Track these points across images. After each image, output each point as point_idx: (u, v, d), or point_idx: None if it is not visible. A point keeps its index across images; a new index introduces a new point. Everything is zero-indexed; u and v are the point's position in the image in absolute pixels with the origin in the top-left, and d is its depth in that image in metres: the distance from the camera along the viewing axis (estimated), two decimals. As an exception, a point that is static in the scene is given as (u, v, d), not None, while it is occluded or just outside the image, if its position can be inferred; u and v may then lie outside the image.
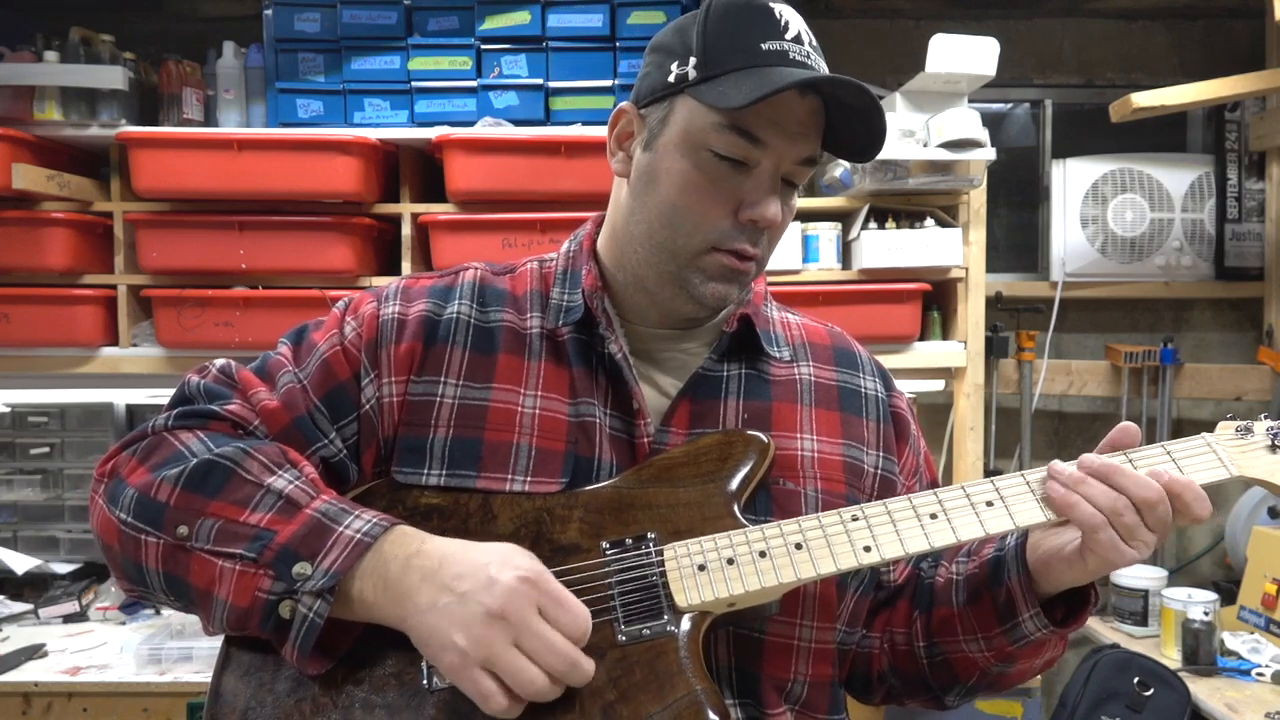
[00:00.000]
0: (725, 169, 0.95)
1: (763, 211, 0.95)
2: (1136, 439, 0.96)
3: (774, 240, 1.01)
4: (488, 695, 0.81)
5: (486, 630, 0.81)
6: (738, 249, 0.97)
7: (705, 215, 0.96)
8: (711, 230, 0.96)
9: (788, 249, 2.50)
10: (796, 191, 1.01)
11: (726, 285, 0.99)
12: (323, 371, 1.01)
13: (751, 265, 0.99)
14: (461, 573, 0.84)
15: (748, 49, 0.93)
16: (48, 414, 2.89)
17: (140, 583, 0.92)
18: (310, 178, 2.35)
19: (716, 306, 1.01)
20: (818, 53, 0.97)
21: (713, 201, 0.96)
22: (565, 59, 2.50)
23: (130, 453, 0.96)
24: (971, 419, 2.55)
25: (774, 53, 0.93)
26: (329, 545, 0.85)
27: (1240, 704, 2.21)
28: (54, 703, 2.26)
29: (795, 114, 0.94)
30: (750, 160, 0.95)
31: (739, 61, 0.93)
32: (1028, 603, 0.96)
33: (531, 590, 0.83)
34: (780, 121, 0.93)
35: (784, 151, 0.95)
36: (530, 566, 0.85)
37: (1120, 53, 3.22)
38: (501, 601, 0.81)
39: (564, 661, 0.81)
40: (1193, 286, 3.15)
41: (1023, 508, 0.93)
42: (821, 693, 1.01)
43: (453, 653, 0.81)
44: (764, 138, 0.94)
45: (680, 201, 0.96)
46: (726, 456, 0.97)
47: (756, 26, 0.94)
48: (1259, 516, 2.74)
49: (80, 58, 2.38)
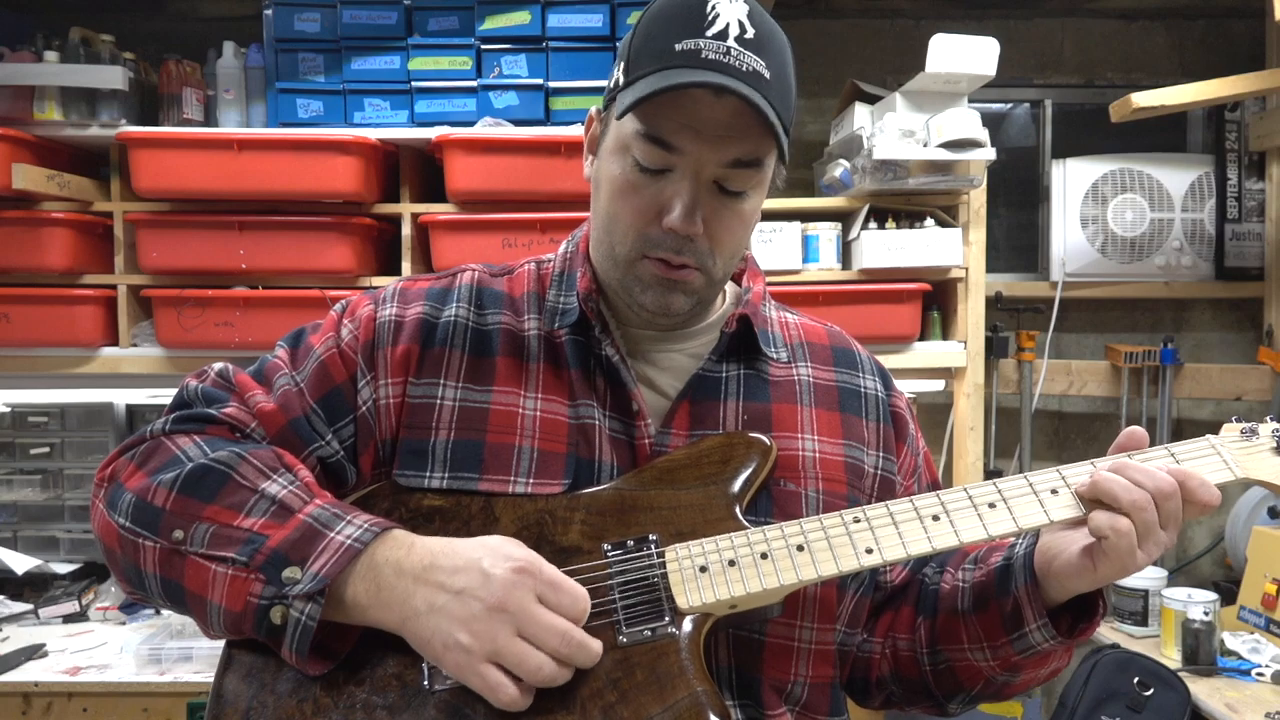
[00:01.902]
0: (647, 175, 0.94)
1: (675, 220, 0.92)
2: (1144, 443, 0.96)
3: (720, 248, 0.96)
4: (497, 687, 0.81)
5: (488, 624, 0.81)
6: (663, 257, 0.95)
7: (633, 222, 0.95)
8: (639, 238, 0.95)
9: (788, 249, 2.51)
10: (743, 197, 0.95)
11: (665, 293, 0.97)
12: (319, 374, 1.01)
13: (691, 275, 0.96)
14: (455, 569, 0.84)
15: (661, 51, 0.91)
16: (48, 414, 2.89)
17: (140, 586, 0.92)
18: (310, 178, 2.35)
19: (662, 315, 0.99)
20: (752, 47, 0.90)
21: (638, 208, 0.95)
22: (565, 59, 2.50)
23: (129, 457, 0.96)
24: (971, 419, 2.55)
25: (684, 53, 0.89)
26: (319, 550, 0.85)
27: (1240, 704, 2.21)
28: (54, 703, 2.26)
29: (712, 116, 0.89)
30: (669, 166, 0.93)
31: (649, 65, 0.91)
32: (1035, 613, 0.95)
33: (528, 579, 0.83)
34: (695, 125, 0.90)
35: (702, 156, 0.91)
36: (523, 555, 0.85)
37: (1120, 53, 3.22)
38: (500, 594, 0.82)
39: (569, 643, 0.82)
40: (1193, 286, 3.16)
41: (1025, 510, 0.92)
42: (821, 694, 1.01)
43: (457, 651, 0.82)
44: (677, 143, 0.91)
45: (612, 208, 0.97)
46: (728, 459, 0.97)
47: (678, 25, 0.91)
48: (1259, 516, 2.74)
49: (80, 58, 2.38)
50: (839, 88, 2.88)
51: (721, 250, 0.97)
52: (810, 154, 3.02)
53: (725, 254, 0.97)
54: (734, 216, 0.95)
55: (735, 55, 0.89)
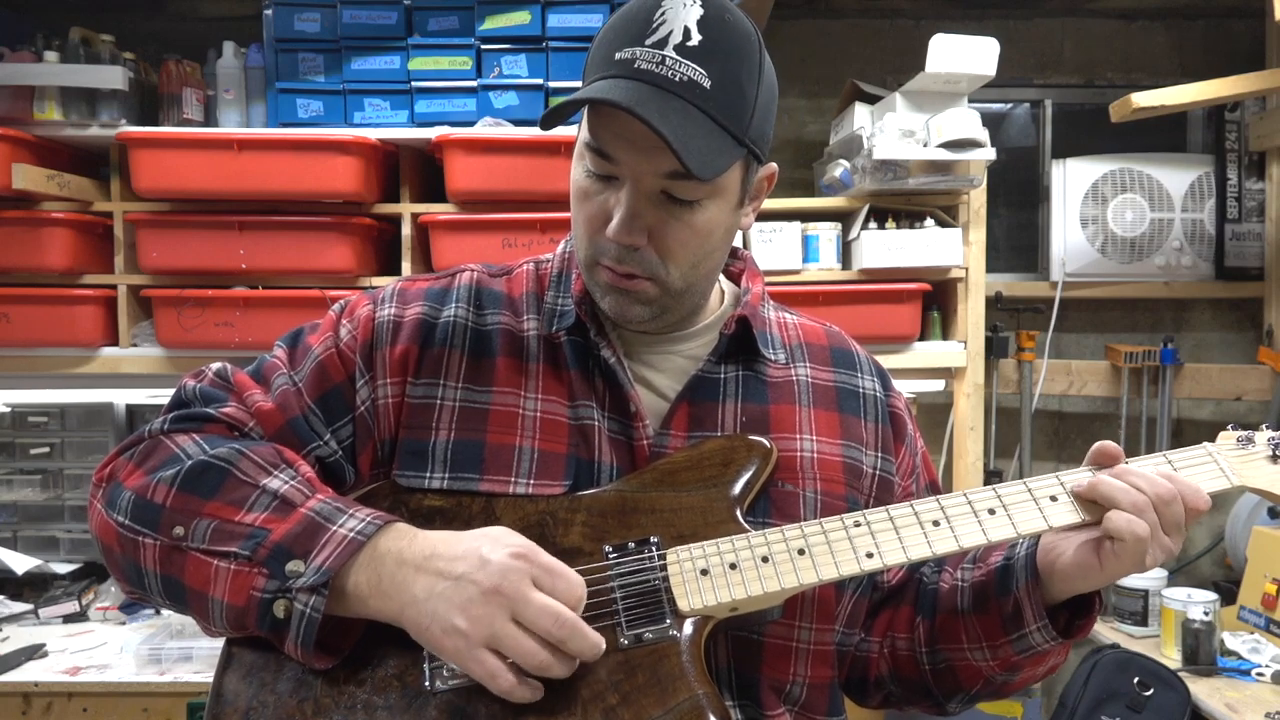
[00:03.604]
0: (597, 183, 0.94)
1: (612, 229, 0.92)
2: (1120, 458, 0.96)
3: (672, 258, 0.94)
4: (494, 673, 0.81)
5: (484, 608, 0.81)
6: (609, 264, 0.95)
7: (585, 228, 0.96)
8: (591, 244, 0.96)
9: (788, 249, 2.51)
10: (695, 206, 0.93)
11: (621, 301, 0.97)
12: (317, 374, 1.01)
13: (641, 284, 0.95)
14: (454, 557, 0.84)
15: (604, 59, 0.91)
16: (48, 414, 2.89)
17: (140, 585, 0.92)
18: (310, 178, 2.35)
19: (623, 321, 0.99)
20: (695, 55, 0.88)
21: (589, 215, 0.95)
22: (565, 59, 2.50)
23: (128, 457, 0.96)
24: (971, 419, 2.55)
25: (620, 62, 0.89)
26: (322, 543, 0.86)
27: (1240, 704, 2.21)
28: (54, 703, 2.26)
29: (641, 129, 0.86)
30: (613, 175, 0.93)
31: (593, 72, 0.92)
32: (1035, 614, 0.96)
33: (524, 564, 0.83)
34: (628, 136, 0.89)
35: (638, 167, 0.90)
36: (520, 542, 0.85)
37: (1120, 53, 3.22)
38: (497, 578, 0.82)
39: (564, 627, 0.81)
40: (1193, 286, 3.15)
41: (1025, 515, 0.93)
42: (820, 694, 1.02)
43: (454, 636, 0.82)
44: (613, 154, 0.91)
45: (573, 213, 0.98)
46: (729, 461, 0.97)
47: (624, 33, 0.90)
48: (1259, 517, 2.74)
49: (80, 58, 2.38)
50: (839, 88, 2.88)
51: (674, 260, 0.95)
52: (810, 154, 3.02)
53: (680, 264, 0.95)
54: (683, 227, 0.94)
55: (670, 65, 0.88)
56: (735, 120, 0.91)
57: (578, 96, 0.89)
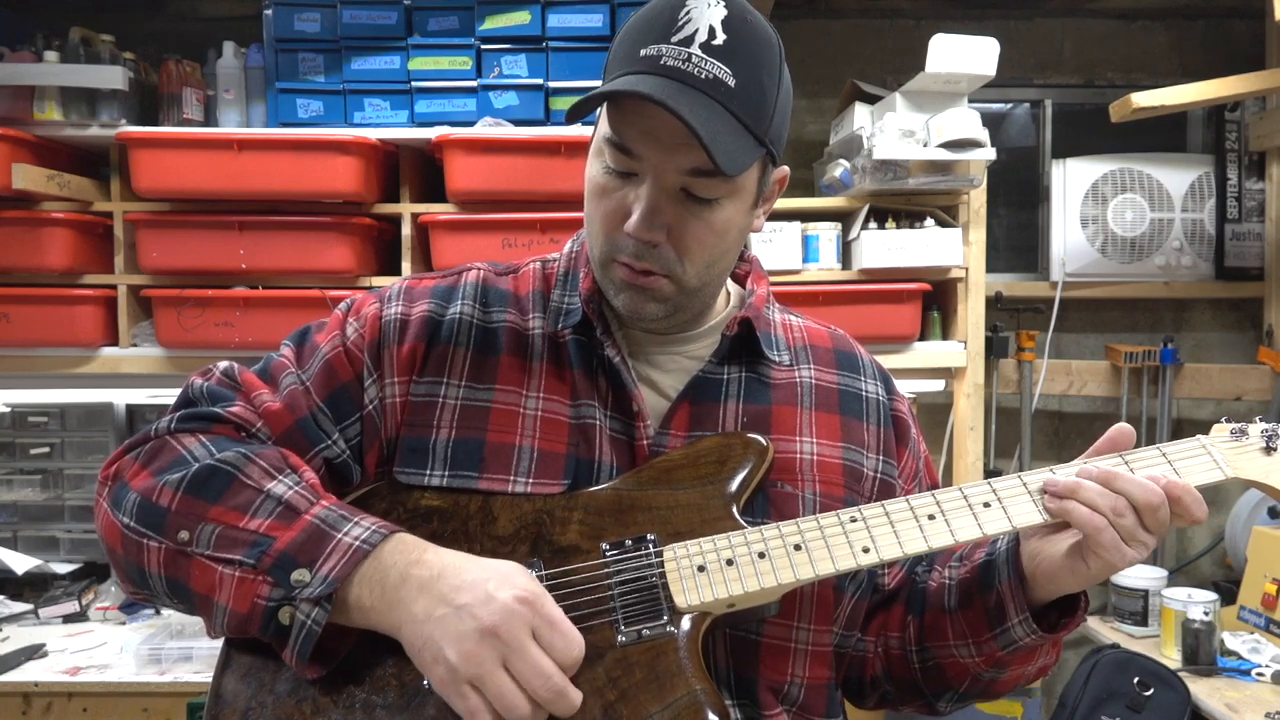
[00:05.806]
0: (616, 179, 0.94)
1: (632, 225, 0.92)
2: (1132, 440, 0.96)
3: (689, 256, 0.95)
4: (474, 712, 0.81)
5: (477, 647, 0.80)
6: (626, 261, 0.95)
7: (602, 225, 0.96)
8: (608, 241, 0.96)
9: (788, 249, 2.51)
10: (714, 205, 0.93)
11: (634, 298, 0.97)
12: (325, 373, 1.01)
13: (658, 282, 0.96)
14: (460, 585, 0.83)
15: (628, 55, 0.91)
16: (48, 414, 2.89)
17: (144, 586, 0.92)
18: (310, 178, 2.35)
19: (636, 319, 1.00)
20: (720, 53, 0.89)
21: (607, 211, 0.95)
22: (565, 59, 2.50)
23: (134, 456, 0.96)
24: (971, 419, 2.55)
25: (645, 58, 0.89)
26: (328, 552, 0.85)
27: (1240, 704, 2.21)
28: (54, 703, 2.26)
29: (666, 124, 0.87)
30: (633, 172, 0.93)
31: (617, 68, 0.92)
32: (1017, 608, 0.96)
33: (527, 611, 0.82)
34: (653, 132, 0.89)
35: (660, 163, 0.91)
36: (529, 587, 0.84)
37: (1120, 53, 3.22)
38: (496, 619, 0.81)
39: (550, 689, 0.81)
40: (1193, 286, 3.16)
41: (1020, 509, 0.93)
42: (818, 694, 1.01)
43: (442, 666, 0.81)
44: (636, 150, 0.91)
45: (589, 210, 0.98)
46: (725, 459, 0.97)
47: (650, 30, 0.91)
48: (1259, 516, 2.74)
49: (80, 58, 2.38)
50: (839, 88, 2.88)
51: (691, 258, 0.95)
52: (810, 154, 3.02)
53: (697, 262, 0.96)
54: (702, 225, 0.94)
55: (696, 62, 0.88)
56: (757, 120, 0.91)
57: (608, 89, 0.88)
